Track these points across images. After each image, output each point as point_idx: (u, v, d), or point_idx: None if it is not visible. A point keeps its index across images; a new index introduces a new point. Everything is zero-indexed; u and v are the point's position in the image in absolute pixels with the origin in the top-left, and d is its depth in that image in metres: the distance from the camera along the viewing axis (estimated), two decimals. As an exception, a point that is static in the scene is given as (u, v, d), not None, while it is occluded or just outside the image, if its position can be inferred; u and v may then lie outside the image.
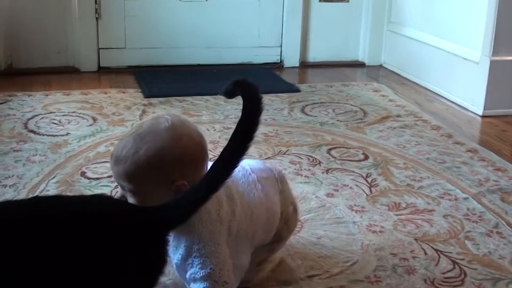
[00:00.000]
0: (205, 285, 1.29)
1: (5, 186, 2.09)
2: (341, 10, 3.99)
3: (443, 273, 1.66)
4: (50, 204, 1.16)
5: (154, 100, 3.05)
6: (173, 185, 1.31)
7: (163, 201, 1.23)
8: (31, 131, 2.62)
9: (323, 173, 2.28)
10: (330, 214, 1.97)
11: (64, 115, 2.84)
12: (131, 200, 1.34)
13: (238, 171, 1.47)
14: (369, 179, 2.24)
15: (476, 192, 2.15)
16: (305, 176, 2.25)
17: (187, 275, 1.33)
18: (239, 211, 1.41)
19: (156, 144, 1.30)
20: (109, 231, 1.11)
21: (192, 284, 1.32)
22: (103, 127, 2.69)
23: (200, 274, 1.30)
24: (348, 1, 3.99)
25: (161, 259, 1.20)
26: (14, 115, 2.81)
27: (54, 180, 2.16)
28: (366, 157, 2.44)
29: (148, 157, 1.29)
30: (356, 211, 1.99)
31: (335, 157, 2.43)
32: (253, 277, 1.58)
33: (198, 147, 1.36)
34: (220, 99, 3.05)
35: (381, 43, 4.02)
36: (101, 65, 3.66)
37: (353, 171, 2.30)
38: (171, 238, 1.32)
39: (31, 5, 3.50)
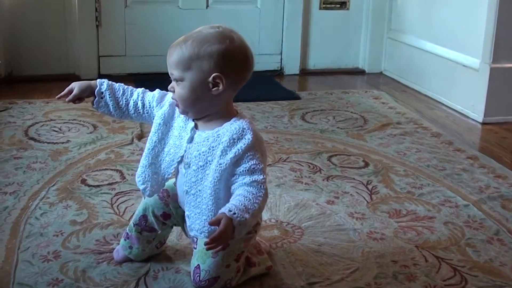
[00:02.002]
0: (262, 177, 1.46)
1: (5, 193, 2.09)
2: (341, 18, 3.99)
3: (444, 280, 1.65)
4: None
5: (154, 108, 3.05)
6: (210, 77, 1.45)
7: (204, 97, 1.46)
8: (32, 138, 2.62)
9: (323, 180, 2.28)
10: (331, 221, 1.97)
11: (64, 123, 2.84)
12: (177, 90, 1.49)
13: None
14: (370, 186, 2.23)
15: (477, 199, 2.15)
16: (306, 184, 2.25)
17: (245, 167, 1.46)
18: None
19: (201, 38, 1.46)
20: None
21: (247, 178, 1.45)
22: (103, 134, 2.69)
23: (259, 166, 1.47)
24: (348, 9, 4.00)
25: None
26: (15, 122, 2.81)
27: (55, 187, 2.16)
28: (367, 164, 2.44)
29: (192, 46, 1.45)
30: (356, 218, 1.99)
31: (335, 164, 2.43)
32: (234, 278, 1.58)
33: (241, 51, 1.49)
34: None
35: (381, 51, 4.03)
36: (101, 72, 3.66)
37: (353, 178, 2.30)
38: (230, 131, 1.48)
39: (31, 13, 3.51)
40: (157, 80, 3.33)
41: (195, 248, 1.59)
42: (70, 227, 1.88)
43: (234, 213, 1.39)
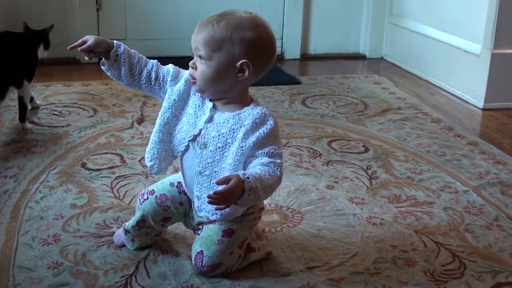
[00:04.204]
0: (280, 161, 1.47)
1: (5, 176, 2.09)
2: (342, 2, 3.98)
3: (443, 266, 1.66)
4: None
5: (154, 92, 3.05)
6: (238, 63, 1.45)
7: (227, 80, 1.46)
8: (32, 122, 2.62)
9: (323, 165, 2.28)
10: (330, 206, 1.97)
11: (64, 106, 2.84)
12: (201, 67, 1.48)
13: None
14: (370, 172, 2.24)
15: (477, 185, 2.15)
16: (306, 168, 2.25)
17: (265, 150, 1.46)
18: None
19: (235, 21, 1.45)
20: None
21: (265, 158, 1.46)
22: (103, 118, 2.69)
23: (278, 151, 1.48)
24: (349, -7, 3.99)
25: None
26: (15, 106, 2.80)
27: (55, 171, 2.16)
28: (367, 150, 2.44)
29: (226, 28, 1.44)
30: (356, 203, 1.99)
31: (335, 149, 2.43)
32: (235, 264, 1.59)
33: (270, 41, 1.49)
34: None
35: (382, 36, 4.02)
36: (101, 56, 3.65)
37: (353, 164, 2.30)
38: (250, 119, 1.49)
39: (32, -4, 3.50)
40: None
41: (199, 234, 1.59)
42: (70, 211, 1.88)
43: (248, 177, 1.38)
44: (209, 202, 1.38)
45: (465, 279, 1.60)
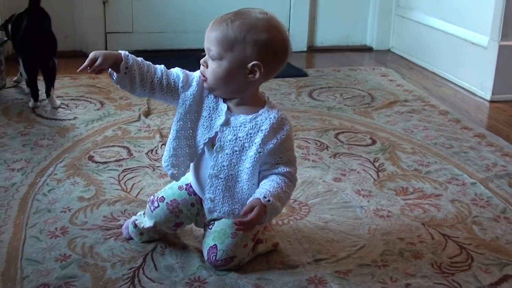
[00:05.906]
0: (295, 167, 1.52)
1: (13, 169, 2.10)
2: (349, -6, 3.98)
3: (450, 258, 1.66)
4: None
5: (161, 85, 3.05)
6: (249, 64, 1.44)
7: (237, 81, 1.46)
8: (39, 115, 2.62)
9: (330, 157, 2.28)
10: (338, 198, 1.97)
11: (71, 99, 2.84)
12: (212, 66, 1.47)
13: None
14: (377, 164, 2.23)
15: (484, 177, 2.15)
16: (313, 161, 2.25)
17: (281, 157, 1.49)
18: None
19: (250, 22, 1.44)
20: None
21: (282, 168, 1.49)
22: (110, 111, 2.70)
23: (293, 157, 1.52)
24: (356, -15, 3.98)
25: None
26: (22, 99, 2.81)
27: (62, 164, 2.16)
28: (374, 142, 2.43)
29: (240, 28, 1.43)
30: (363, 196, 1.99)
31: (342, 142, 2.43)
32: (246, 257, 1.60)
33: (283, 44, 1.48)
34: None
35: (389, 28, 4.01)
36: (108, 49, 3.65)
37: (360, 156, 2.30)
38: (266, 127, 1.49)
39: (38, -11, 3.50)
40: (164, 57, 3.33)
41: (210, 229, 1.59)
42: (78, 203, 1.88)
43: (269, 200, 1.41)
44: (237, 229, 1.46)
45: (473, 271, 1.60)
